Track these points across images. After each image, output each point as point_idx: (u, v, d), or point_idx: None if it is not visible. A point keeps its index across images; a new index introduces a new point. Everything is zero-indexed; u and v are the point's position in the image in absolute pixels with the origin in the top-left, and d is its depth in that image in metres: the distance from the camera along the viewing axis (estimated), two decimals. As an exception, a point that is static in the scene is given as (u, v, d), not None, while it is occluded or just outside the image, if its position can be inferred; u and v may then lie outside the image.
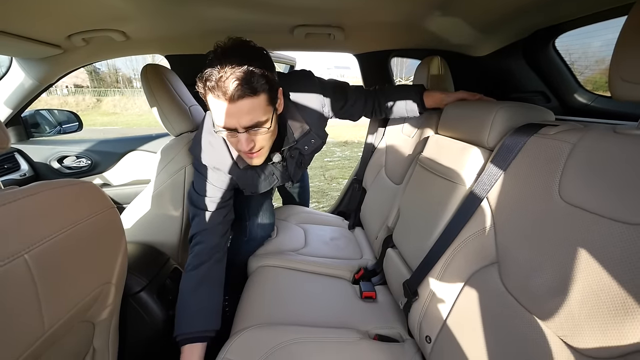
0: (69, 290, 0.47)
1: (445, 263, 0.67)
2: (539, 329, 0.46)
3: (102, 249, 0.54)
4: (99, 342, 0.62)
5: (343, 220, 1.48)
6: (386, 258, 0.95)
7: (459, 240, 0.65)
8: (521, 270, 0.52)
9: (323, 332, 0.74)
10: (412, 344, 0.75)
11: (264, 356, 0.66)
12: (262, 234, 1.12)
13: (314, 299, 0.90)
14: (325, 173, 4.22)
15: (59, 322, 0.45)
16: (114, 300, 0.61)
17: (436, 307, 0.66)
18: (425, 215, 0.78)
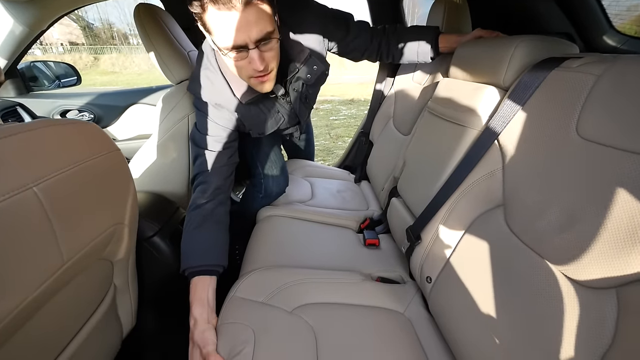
0: (83, 227, 0.49)
1: (450, 207, 0.67)
2: (541, 264, 0.47)
3: (111, 190, 0.55)
4: (119, 280, 0.66)
5: (349, 174, 1.48)
6: (390, 207, 0.95)
7: (466, 185, 0.64)
8: (528, 211, 0.51)
9: (327, 274, 0.78)
10: (412, 285, 0.78)
11: (270, 294, 0.69)
12: (277, 191, 1.12)
13: (319, 245, 0.92)
14: (331, 132, 4.15)
15: (77, 256, 0.47)
16: (128, 241, 0.63)
17: (438, 250, 0.68)
18: (432, 163, 0.77)
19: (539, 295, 0.45)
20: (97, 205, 0.51)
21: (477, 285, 0.56)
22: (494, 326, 0.49)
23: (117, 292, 0.66)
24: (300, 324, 0.64)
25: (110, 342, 0.66)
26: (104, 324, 0.62)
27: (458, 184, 0.66)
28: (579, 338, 0.39)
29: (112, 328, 0.66)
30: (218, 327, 0.62)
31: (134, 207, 0.62)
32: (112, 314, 0.66)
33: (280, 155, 1.17)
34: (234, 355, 0.55)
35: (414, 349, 0.62)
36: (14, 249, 0.37)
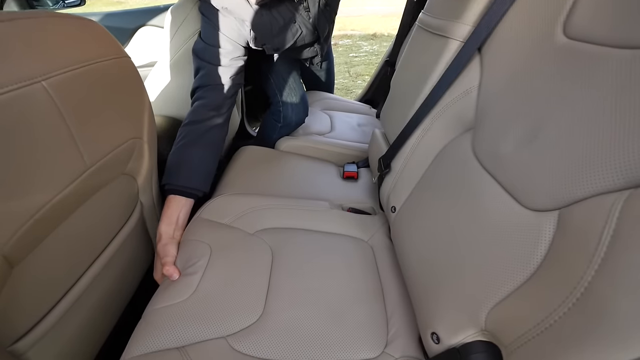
0: (101, 135, 0.49)
1: (422, 133, 0.61)
2: (492, 188, 0.42)
3: (125, 100, 0.55)
4: (145, 198, 0.68)
5: (370, 108, 1.40)
6: (371, 139, 0.90)
7: (440, 106, 0.57)
8: (493, 132, 0.45)
9: (297, 202, 0.77)
10: (382, 217, 0.77)
11: (235, 217, 0.70)
12: (297, 120, 1.07)
13: (297, 177, 0.91)
14: (350, 69, 3.88)
15: (99, 163, 0.48)
16: (149, 158, 0.64)
17: (405, 179, 0.64)
18: (412, 85, 0.69)
19: (483, 217, 0.41)
20: (112, 114, 0.51)
21: (432, 211, 0.53)
22: (436, 248, 0.48)
23: (144, 210, 0.68)
24: (259, 244, 0.65)
25: (142, 255, 0.71)
26: (135, 237, 0.66)
27: (433, 105, 0.59)
28: (512, 259, 0.36)
29: (143, 243, 0.70)
30: (180, 244, 0.65)
31: (151, 124, 0.62)
32: (142, 230, 0.69)
33: (300, 83, 1.11)
34: (188, 267, 0.58)
35: (370, 272, 0.63)
36: (32, 144, 0.38)
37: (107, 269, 0.57)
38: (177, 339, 0.47)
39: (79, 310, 0.52)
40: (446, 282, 0.44)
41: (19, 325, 0.42)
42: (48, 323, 0.46)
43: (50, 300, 0.47)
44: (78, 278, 0.51)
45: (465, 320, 0.39)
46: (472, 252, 0.41)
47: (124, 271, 0.65)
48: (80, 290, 0.51)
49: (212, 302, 0.53)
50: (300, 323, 0.52)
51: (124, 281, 0.66)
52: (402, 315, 0.55)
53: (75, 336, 0.52)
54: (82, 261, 0.53)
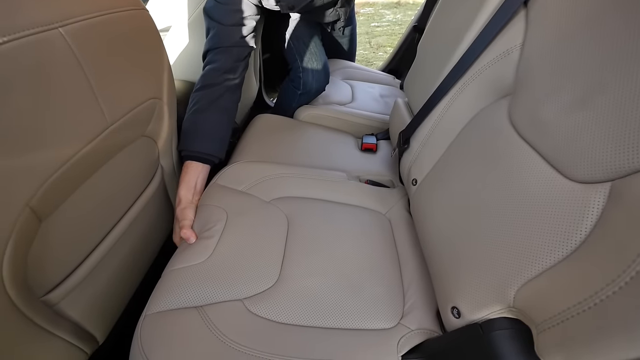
0: (120, 91, 0.48)
1: (450, 102, 0.57)
2: (533, 160, 0.39)
3: (143, 57, 0.54)
4: (165, 162, 0.68)
5: (394, 79, 1.33)
6: (392, 110, 0.85)
7: (473, 71, 0.52)
8: (537, 94, 0.40)
9: (313, 171, 0.75)
10: (400, 190, 0.74)
11: (251, 184, 0.69)
12: (317, 87, 1.03)
13: (314, 146, 0.88)
14: (372, 40, 3.68)
15: (120, 122, 0.48)
16: (169, 121, 0.63)
17: (429, 151, 0.61)
18: (441, 48, 0.63)
19: (519, 190, 0.38)
20: (131, 71, 0.50)
21: (459, 184, 0.50)
22: (461, 221, 0.45)
23: (165, 174, 0.69)
24: (275, 212, 0.64)
25: (164, 218, 0.72)
26: (156, 201, 0.67)
27: (465, 69, 0.54)
28: (551, 234, 0.33)
29: (164, 206, 0.72)
30: (197, 208, 0.65)
31: (170, 85, 0.61)
32: (163, 194, 0.70)
33: (321, 48, 1.05)
34: (205, 230, 0.58)
35: (387, 245, 0.62)
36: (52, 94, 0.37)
37: (132, 229, 0.58)
38: (195, 298, 0.48)
39: (106, 267, 0.54)
40: (470, 256, 0.42)
41: (51, 277, 0.44)
42: (78, 277, 0.48)
43: (79, 254, 0.48)
44: (104, 236, 0.53)
45: (490, 296, 0.38)
46: (503, 226, 0.38)
47: (147, 232, 0.66)
48: (107, 248, 0.53)
49: (229, 266, 0.53)
50: (316, 291, 0.52)
51: (148, 242, 0.67)
52: (419, 288, 0.54)
53: (103, 291, 0.54)
54: (107, 220, 0.54)
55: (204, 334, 0.44)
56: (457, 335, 0.41)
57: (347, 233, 0.62)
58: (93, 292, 0.52)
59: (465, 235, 0.44)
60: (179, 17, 0.88)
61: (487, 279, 0.39)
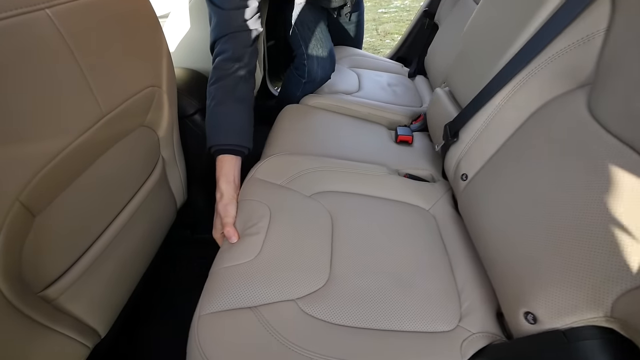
0: (115, 78, 0.46)
1: (511, 92, 0.53)
2: (629, 156, 0.36)
3: (140, 42, 0.51)
4: (166, 153, 0.66)
5: (402, 67, 1.28)
6: (432, 100, 0.81)
7: (542, 59, 0.49)
8: (629, 86, 0.37)
9: (352, 165, 0.73)
10: (444, 185, 0.72)
11: (290, 178, 0.67)
12: (322, 75, 0.99)
13: (348, 137, 0.85)
14: (379, 27, 3.59)
15: (116, 111, 0.45)
16: (169, 111, 0.61)
17: (483, 144, 0.57)
18: (498, 34, 0.59)
19: (613, 189, 0.35)
20: (127, 57, 0.47)
21: (526, 181, 0.47)
22: (534, 221, 0.42)
23: (166, 165, 0.67)
24: (317, 207, 0.62)
25: (166, 209, 0.71)
26: (158, 192, 0.65)
27: (530, 58, 0.50)
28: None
29: (166, 198, 0.70)
30: (238, 204, 0.63)
31: (170, 73, 0.58)
32: (165, 185, 0.69)
33: (327, 35, 1.00)
34: (249, 227, 0.56)
35: (435, 242, 0.59)
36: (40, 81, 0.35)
37: (133, 222, 0.57)
38: (248, 298, 0.46)
39: (107, 260, 0.53)
40: (553, 260, 0.39)
41: (48, 273, 0.42)
42: (77, 271, 0.46)
43: (78, 249, 0.47)
44: (104, 229, 0.51)
45: (578, 303, 0.35)
46: (595, 228, 0.36)
47: (150, 224, 0.64)
48: (108, 241, 0.51)
49: (278, 264, 0.51)
50: (368, 291, 0.50)
51: (150, 234, 0.66)
52: (475, 289, 0.52)
53: (104, 284, 0.53)
54: (107, 213, 0.52)
55: (263, 336, 0.43)
56: (532, 342, 0.39)
57: (393, 230, 0.60)
58: (94, 286, 0.51)
59: (544, 237, 0.41)
60: (178, 2, 0.83)
61: (572, 283, 0.36)
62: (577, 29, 0.45)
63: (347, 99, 0.98)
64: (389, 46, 3.03)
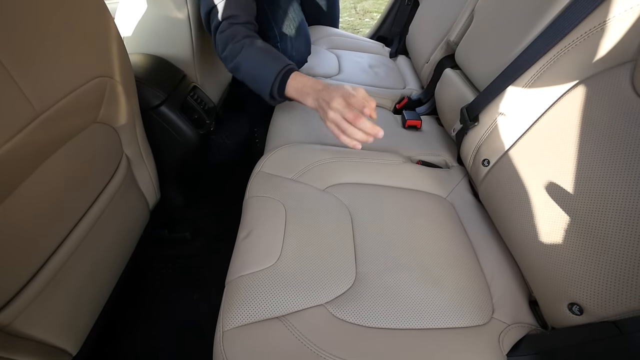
0: (51, 70, 0.38)
1: (541, 70, 0.50)
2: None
3: (81, 25, 0.42)
4: (131, 151, 0.60)
5: (383, 47, 1.23)
6: (441, 81, 0.78)
7: (578, 34, 0.45)
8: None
9: (364, 154, 0.68)
10: (459, 170, 0.69)
11: (300, 172, 0.62)
12: (298, 58, 0.91)
13: (351, 124, 0.80)
14: (357, 5, 3.49)
15: (54, 108, 0.38)
16: (127, 103, 0.53)
17: (506, 128, 0.55)
18: (521, 9, 0.55)
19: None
20: (64, 43, 0.39)
21: (565, 168, 0.44)
22: (579, 214, 0.40)
23: (131, 165, 0.60)
24: (334, 201, 0.58)
25: (137, 211, 0.65)
26: (125, 194, 0.59)
27: (563, 33, 0.47)
28: None
29: (136, 199, 0.64)
30: (244, 202, 0.58)
31: (123, 59, 0.50)
32: (132, 186, 0.63)
33: (299, 12, 0.91)
34: (264, 227, 0.51)
35: (457, 231, 0.57)
36: None
37: (97, 229, 0.52)
38: (275, 308, 0.42)
39: (69, 274, 0.48)
40: (595, 249, 0.37)
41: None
42: (32, 291, 0.41)
43: (30, 267, 0.42)
44: (61, 242, 0.46)
45: (630, 291, 0.34)
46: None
47: (118, 231, 0.59)
48: (67, 254, 0.46)
49: (301, 267, 0.47)
50: (397, 288, 0.47)
51: (119, 240, 0.61)
52: (504, 278, 0.51)
53: (69, 300, 0.48)
54: (63, 223, 0.46)
55: (295, 347, 0.39)
56: (578, 333, 0.38)
57: (413, 221, 0.57)
58: (57, 304, 0.46)
59: (587, 227, 0.39)
60: None
61: (626, 274, 0.35)
62: (608, 6, 0.41)
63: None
64: (368, 25, 2.95)
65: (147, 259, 0.85)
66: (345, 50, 1.16)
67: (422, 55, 0.95)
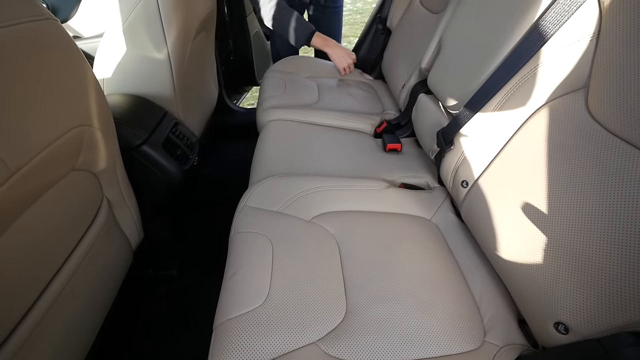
0: (27, 126, 0.38)
1: (506, 96, 0.53)
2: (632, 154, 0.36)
3: (58, 78, 0.42)
4: (111, 194, 0.59)
5: (361, 73, 1.28)
6: (417, 106, 0.81)
7: (535, 63, 0.49)
8: (628, 92, 0.38)
9: (346, 182, 0.70)
10: (441, 191, 0.71)
11: (285, 204, 0.62)
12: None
13: (334, 151, 0.82)
14: None
15: (32, 163, 0.37)
16: (107, 148, 0.53)
17: (480, 151, 0.57)
18: (483, 39, 0.59)
19: (635, 198, 0.36)
20: (40, 97, 0.39)
21: (534, 187, 0.47)
22: (555, 233, 0.42)
23: (112, 207, 0.59)
24: (320, 232, 0.58)
25: (118, 255, 0.63)
26: (106, 238, 0.57)
27: (522, 63, 0.50)
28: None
29: (118, 242, 0.62)
30: (230, 239, 0.57)
31: (101, 106, 0.50)
32: (114, 229, 0.61)
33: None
34: (252, 264, 0.51)
35: (444, 253, 0.58)
36: None
37: (77, 279, 0.50)
38: (265, 351, 0.41)
39: (49, 326, 0.46)
40: (574, 268, 0.39)
41: None
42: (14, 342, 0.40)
43: (10, 319, 0.40)
44: (40, 292, 0.44)
45: (614, 310, 0.35)
46: (619, 235, 0.36)
47: (99, 278, 0.57)
48: (46, 307, 0.45)
49: (291, 305, 0.46)
50: (389, 319, 0.47)
51: (101, 287, 0.59)
52: (492, 299, 0.51)
53: (47, 355, 0.46)
54: (41, 274, 0.45)
55: (289, 394, 0.38)
56: (567, 352, 0.39)
57: (400, 246, 0.58)
58: (39, 354, 0.44)
59: (562, 245, 0.41)
60: (112, 23, 0.75)
61: (608, 294, 0.36)
62: (567, 33, 0.45)
63: (307, 112, 0.95)
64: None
65: (134, 300, 0.82)
66: (325, 77, 1.20)
67: (397, 81, 1.00)
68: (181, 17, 0.76)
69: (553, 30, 0.46)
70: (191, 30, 0.84)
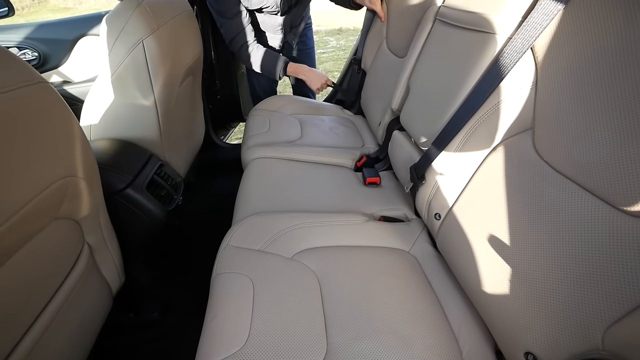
0: (11, 183, 0.39)
1: (466, 136, 0.58)
2: (580, 195, 0.40)
3: (46, 135, 0.44)
4: (93, 239, 0.59)
5: (342, 109, 1.36)
6: (392, 142, 0.87)
7: (487, 107, 0.55)
8: (565, 133, 0.43)
9: (327, 217, 0.72)
10: (418, 223, 0.74)
11: (267, 242, 0.64)
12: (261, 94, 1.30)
13: (315, 187, 0.85)
14: (319, 66, 3.86)
15: (14, 218, 0.38)
16: (90, 196, 0.54)
17: (449, 184, 0.61)
18: (444, 85, 0.66)
19: (578, 230, 0.39)
20: (26, 156, 0.40)
21: (495, 220, 0.50)
22: (516, 265, 0.45)
23: (93, 252, 0.59)
24: (301, 269, 0.59)
25: (98, 301, 0.62)
26: (86, 284, 0.57)
27: (477, 107, 0.56)
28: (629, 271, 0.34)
29: (97, 287, 0.62)
30: (212, 280, 0.58)
31: (87, 156, 0.52)
32: (94, 274, 0.60)
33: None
34: (232, 305, 0.51)
35: (422, 286, 0.60)
36: None
37: (54, 327, 0.49)
38: (245, 398, 0.41)
39: None
40: (536, 298, 0.41)
41: None
42: None
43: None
44: (18, 340, 0.44)
45: (571, 340, 0.37)
46: (567, 266, 0.39)
47: (77, 325, 0.56)
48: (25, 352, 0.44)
49: (271, 347, 0.46)
50: (370, 357, 0.47)
51: (78, 335, 0.58)
52: (470, 331, 0.52)
53: None
54: (19, 322, 0.44)
55: None
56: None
57: (380, 280, 0.59)
58: None
59: (523, 278, 0.43)
60: (103, 70, 0.80)
61: (564, 323, 0.38)
62: (509, 84, 0.51)
63: (291, 149, 1.00)
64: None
65: (114, 347, 0.78)
66: (308, 114, 1.27)
67: (374, 117, 1.06)
68: (168, 67, 0.81)
69: (500, 78, 0.53)
70: (178, 77, 0.89)
